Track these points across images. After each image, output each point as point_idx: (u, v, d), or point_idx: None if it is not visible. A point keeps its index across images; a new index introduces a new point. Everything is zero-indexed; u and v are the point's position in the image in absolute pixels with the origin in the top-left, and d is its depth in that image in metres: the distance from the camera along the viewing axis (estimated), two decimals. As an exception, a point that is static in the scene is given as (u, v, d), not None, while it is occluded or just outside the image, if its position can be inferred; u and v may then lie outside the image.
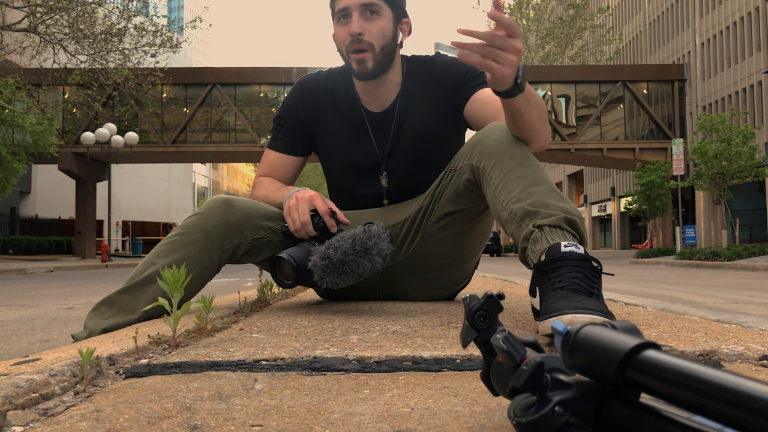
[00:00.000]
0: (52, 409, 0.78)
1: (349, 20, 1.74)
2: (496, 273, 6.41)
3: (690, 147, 19.32)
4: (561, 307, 1.13)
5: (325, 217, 1.64)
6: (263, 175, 1.95)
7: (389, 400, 0.79)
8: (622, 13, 40.17)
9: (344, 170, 1.93)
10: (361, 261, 1.52)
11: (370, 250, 1.53)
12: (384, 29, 1.76)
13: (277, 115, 1.96)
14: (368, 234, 1.54)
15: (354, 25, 1.72)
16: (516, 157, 1.52)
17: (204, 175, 71.00)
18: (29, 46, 15.96)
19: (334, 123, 1.91)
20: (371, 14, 1.74)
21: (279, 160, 1.94)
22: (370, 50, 1.74)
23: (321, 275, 1.52)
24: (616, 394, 0.48)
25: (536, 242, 1.33)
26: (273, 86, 26.62)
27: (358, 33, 1.71)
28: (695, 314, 1.84)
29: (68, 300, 5.38)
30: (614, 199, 41.28)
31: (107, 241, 22.37)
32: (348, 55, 1.76)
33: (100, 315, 1.64)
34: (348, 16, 1.74)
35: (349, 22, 1.74)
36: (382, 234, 1.56)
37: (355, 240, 1.53)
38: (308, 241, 1.64)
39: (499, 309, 0.63)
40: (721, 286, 7.11)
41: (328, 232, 1.65)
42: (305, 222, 1.62)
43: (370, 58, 1.74)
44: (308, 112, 1.92)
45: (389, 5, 1.77)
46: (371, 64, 1.75)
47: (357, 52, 1.73)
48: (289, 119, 1.93)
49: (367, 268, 1.54)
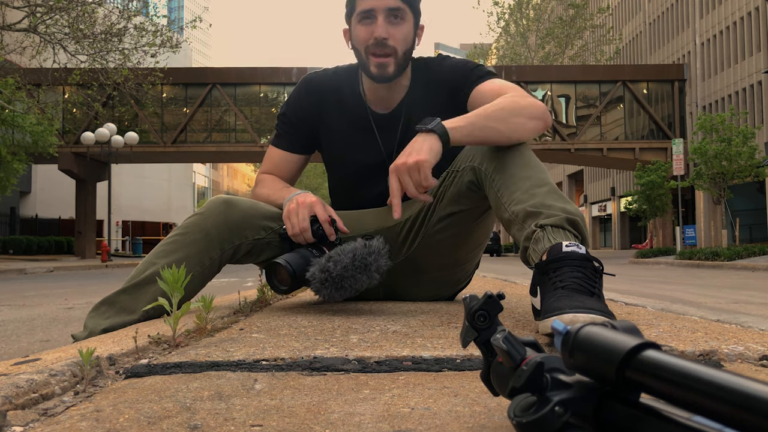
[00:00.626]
0: (52, 409, 0.78)
1: (373, 21, 1.72)
2: (496, 273, 6.41)
3: (690, 147, 19.32)
4: (562, 306, 1.13)
5: (324, 226, 1.64)
6: (266, 173, 1.94)
7: (389, 400, 0.79)
8: (622, 13, 40.16)
9: (348, 169, 1.92)
10: (359, 277, 1.52)
11: (369, 266, 1.52)
12: (407, 35, 1.76)
13: (281, 112, 1.95)
14: (368, 249, 1.53)
15: (380, 28, 1.71)
16: (518, 159, 1.53)
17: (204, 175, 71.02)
18: (29, 46, 15.96)
19: (338, 122, 1.90)
20: (395, 19, 1.73)
21: (282, 157, 1.93)
22: (393, 55, 1.74)
23: (319, 287, 1.52)
24: (616, 394, 0.48)
25: (538, 242, 1.33)
26: (273, 86, 26.61)
27: (384, 38, 1.71)
28: (695, 314, 1.84)
29: (68, 300, 5.38)
30: (614, 199, 41.27)
31: (107, 241, 22.38)
32: (367, 56, 1.75)
33: (100, 315, 1.64)
34: (372, 17, 1.72)
35: (372, 23, 1.72)
36: (382, 250, 1.56)
37: (356, 255, 1.52)
38: (305, 247, 1.63)
39: (499, 309, 0.63)
40: (721, 286, 7.11)
41: (326, 240, 1.64)
42: (304, 228, 1.62)
43: (392, 63, 1.74)
44: (313, 109, 1.91)
45: (412, 11, 1.77)
46: (392, 69, 1.75)
47: (379, 56, 1.73)
48: (293, 117, 1.92)
49: (365, 284, 1.53)
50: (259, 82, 26.46)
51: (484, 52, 39.97)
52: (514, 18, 34.13)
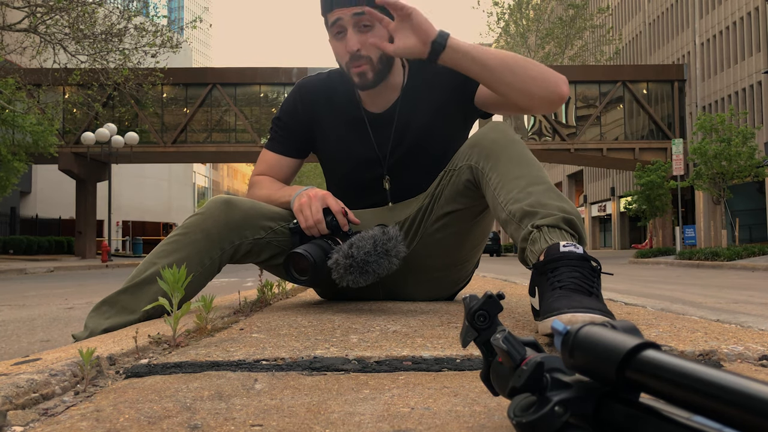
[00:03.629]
0: (53, 409, 0.78)
1: (344, 35, 1.72)
2: (496, 273, 6.41)
3: (690, 147, 19.32)
4: (560, 306, 1.13)
5: (338, 216, 1.67)
6: (260, 174, 1.96)
7: (389, 400, 0.80)
8: (622, 13, 40.16)
9: (345, 171, 1.93)
10: (382, 262, 1.55)
11: (389, 252, 1.56)
12: (381, 39, 1.70)
13: (276, 117, 1.97)
14: (387, 236, 1.58)
15: (350, 42, 1.70)
16: (514, 157, 1.53)
17: (204, 175, 71.02)
18: (29, 46, 15.95)
19: (333, 123, 1.91)
20: (364, 27, 1.70)
21: (276, 161, 1.95)
22: (368, 63, 1.73)
23: (342, 273, 1.55)
24: (616, 394, 0.48)
25: (535, 242, 1.33)
26: (273, 86, 26.62)
27: (356, 50, 1.71)
28: (695, 314, 1.84)
29: (68, 300, 5.38)
30: (614, 199, 41.27)
31: (107, 241, 22.36)
32: (348, 68, 1.77)
33: (101, 315, 1.64)
34: (343, 31, 1.72)
35: (344, 38, 1.72)
36: (398, 236, 1.60)
37: (376, 241, 1.56)
38: (319, 238, 1.65)
39: (499, 309, 0.63)
40: (721, 286, 7.11)
41: (340, 231, 1.67)
42: (318, 220, 1.64)
43: (369, 71, 1.74)
44: (307, 113, 1.92)
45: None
46: (371, 76, 1.75)
47: (356, 66, 1.74)
48: (288, 121, 1.94)
49: (386, 269, 1.57)
50: (259, 82, 26.46)
51: (484, 52, 39.85)
52: (514, 18, 34.11)
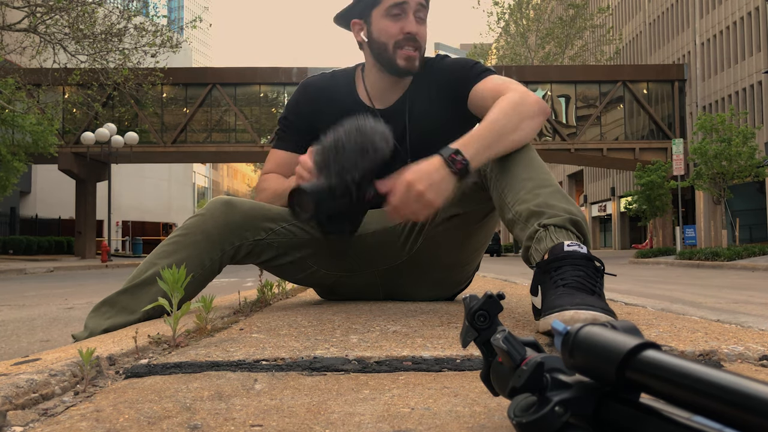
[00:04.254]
0: (52, 409, 0.78)
1: (403, 17, 1.78)
2: (496, 273, 6.41)
3: (690, 147, 19.32)
4: (563, 303, 1.14)
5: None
6: (269, 173, 1.96)
7: (389, 400, 0.79)
8: (622, 13, 40.15)
9: None
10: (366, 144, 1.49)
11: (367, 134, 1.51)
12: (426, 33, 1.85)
13: (282, 116, 1.98)
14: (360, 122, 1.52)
15: (413, 24, 1.78)
16: (522, 160, 1.53)
17: (204, 175, 71.01)
18: (29, 46, 15.96)
19: (337, 121, 1.91)
20: (420, 19, 1.81)
21: (284, 158, 1.95)
22: (419, 51, 1.81)
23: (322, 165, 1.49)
24: (616, 394, 0.48)
25: (540, 241, 1.34)
26: (273, 86, 26.62)
27: (416, 33, 1.78)
28: (695, 314, 1.84)
29: (68, 300, 5.38)
30: (614, 199, 41.26)
31: (107, 241, 22.37)
32: (394, 49, 1.79)
33: (101, 315, 1.64)
34: (403, 13, 1.78)
35: (402, 19, 1.78)
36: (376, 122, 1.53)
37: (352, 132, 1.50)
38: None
39: (499, 309, 0.63)
40: (721, 286, 7.11)
41: None
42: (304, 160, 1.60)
43: (418, 58, 1.81)
44: (312, 112, 1.93)
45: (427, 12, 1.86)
46: (418, 64, 1.81)
47: (408, 49, 1.79)
48: (293, 119, 1.95)
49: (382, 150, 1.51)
50: (259, 82, 26.46)
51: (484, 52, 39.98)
52: (514, 18, 34.15)
